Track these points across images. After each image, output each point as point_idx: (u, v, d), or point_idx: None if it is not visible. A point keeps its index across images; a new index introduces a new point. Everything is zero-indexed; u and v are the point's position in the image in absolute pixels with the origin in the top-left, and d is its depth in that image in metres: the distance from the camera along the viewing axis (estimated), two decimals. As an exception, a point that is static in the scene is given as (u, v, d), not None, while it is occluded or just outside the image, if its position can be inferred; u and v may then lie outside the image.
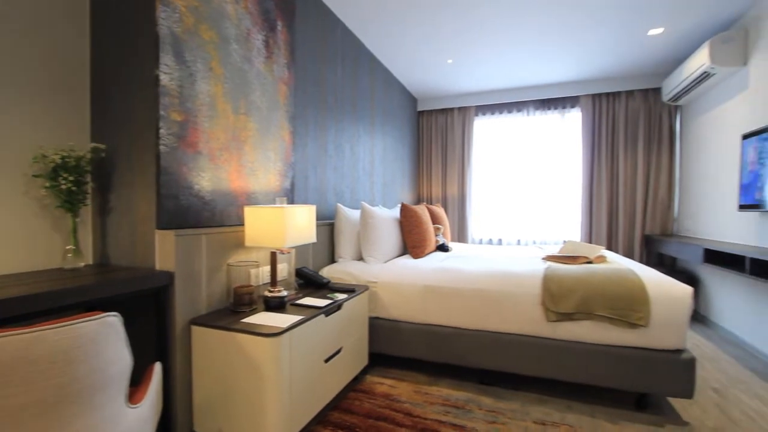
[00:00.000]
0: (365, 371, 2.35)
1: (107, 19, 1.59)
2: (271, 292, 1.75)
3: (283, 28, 2.22)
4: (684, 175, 3.98)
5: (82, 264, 1.53)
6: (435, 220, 3.64)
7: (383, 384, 2.19)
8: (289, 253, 2.09)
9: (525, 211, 4.69)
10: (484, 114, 4.88)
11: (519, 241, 4.73)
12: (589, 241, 4.37)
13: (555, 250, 3.16)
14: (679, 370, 1.80)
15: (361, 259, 2.71)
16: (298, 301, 1.85)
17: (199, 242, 1.61)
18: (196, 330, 1.55)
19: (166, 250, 1.51)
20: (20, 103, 1.39)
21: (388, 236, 2.70)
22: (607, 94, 4.29)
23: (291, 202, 2.31)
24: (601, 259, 2.53)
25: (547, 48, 3.48)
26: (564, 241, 2.93)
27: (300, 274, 2.20)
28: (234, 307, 1.69)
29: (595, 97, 4.34)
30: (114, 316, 0.90)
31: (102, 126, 1.62)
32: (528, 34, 3.21)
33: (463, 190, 4.92)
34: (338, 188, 2.98)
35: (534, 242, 4.65)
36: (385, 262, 2.59)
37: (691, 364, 1.79)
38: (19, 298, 1.03)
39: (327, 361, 1.78)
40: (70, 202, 1.47)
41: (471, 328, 2.17)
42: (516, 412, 1.90)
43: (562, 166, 4.55)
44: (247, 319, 1.56)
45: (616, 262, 2.41)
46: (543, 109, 4.61)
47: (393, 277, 2.35)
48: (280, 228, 1.65)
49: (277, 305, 1.73)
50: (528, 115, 4.66)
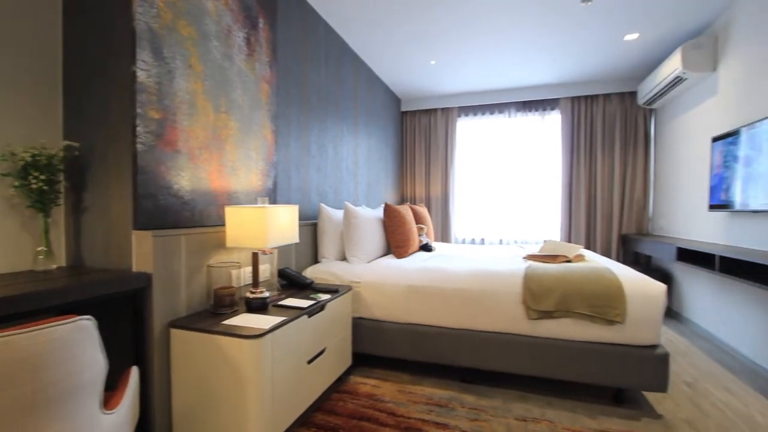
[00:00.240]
0: (349, 372, 2.35)
1: (81, 12, 1.54)
2: (252, 293, 1.72)
3: (265, 25, 2.20)
4: (658, 177, 4.12)
5: (55, 266, 1.47)
6: (418, 220, 3.66)
7: (367, 384, 2.19)
8: (271, 253, 2.07)
9: (507, 211, 4.76)
10: (466, 115, 4.93)
11: (501, 240, 4.80)
12: (569, 241, 4.47)
13: (536, 250, 3.22)
14: (654, 365, 1.86)
15: (344, 259, 2.70)
16: (281, 302, 1.83)
17: (178, 243, 1.58)
18: (175, 333, 1.52)
19: (143, 251, 1.47)
20: (-13, 99, 1.34)
21: (372, 236, 2.70)
22: (586, 97, 4.40)
23: (273, 202, 2.28)
24: (580, 258, 2.59)
25: (528, 51, 3.54)
26: (544, 241, 2.99)
27: (282, 274, 2.17)
28: (214, 309, 1.66)
29: (574, 100, 4.44)
30: (88, 319, 0.87)
31: (76, 123, 1.56)
32: (509, 37, 3.26)
33: (447, 190, 4.96)
34: (321, 188, 2.96)
35: (515, 242, 4.73)
36: (369, 262, 2.59)
37: (665, 359, 1.85)
38: (-14, 302, 0.98)
39: (310, 362, 1.76)
40: (42, 202, 1.41)
41: (454, 327, 2.19)
42: (498, 410, 1.92)
43: (543, 167, 4.64)
44: (228, 321, 1.54)
45: (594, 261, 2.47)
46: (524, 111, 4.69)
47: (376, 277, 2.35)
48: (262, 228, 1.63)
49: (259, 306, 1.71)
50: (509, 116, 4.73)
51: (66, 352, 0.81)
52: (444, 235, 4.96)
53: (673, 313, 3.64)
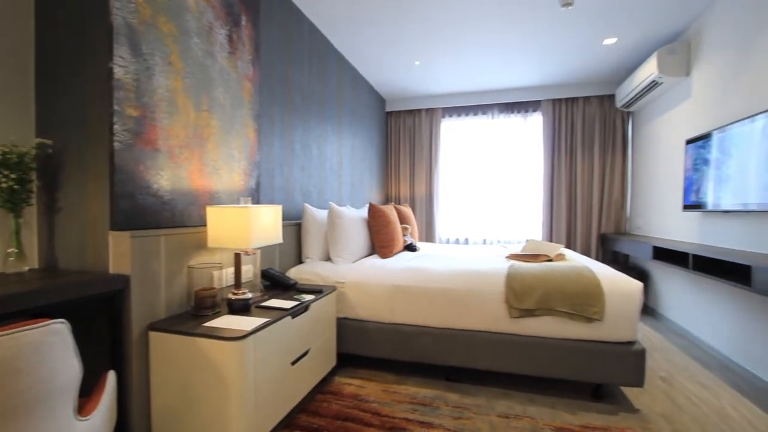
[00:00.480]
0: (333, 372, 2.34)
1: (55, 5, 1.49)
2: (235, 294, 1.70)
3: (248, 23, 2.17)
4: (635, 177, 4.24)
5: (26, 268, 1.42)
6: (403, 220, 3.67)
7: (351, 384, 2.18)
8: (254, 254, 2.04)
9: (490, 211, 4.82)
10: (450, 116, 4.97)
11: (485, 240, 4.85)
12: (550, 240, 4.56)
13: (518, 249, 3.27)
14: (631, 360, 1.91)
15: (328, 259, 2.69)
16: (264, 303, 1.81)
17: (157, 244, 1.54)
18: (155, 336, 1.48)
19: (121, 253, 1.43)
20: (-47, 94, 1.28)
21: (356, 236, 2.70)
22: (566, 100, 4.50)
23: (256, 201, 2.25)
24: (561, 257, 2.64)
25: (510, 53, 3.60)
26: (527, 240, 3.04)
27: (266, 275, 2.15)
28: (195, 311, 1.63)
29: (555, 102, 4.53)
30: (61, 323, 0.84)
31: (49, 121, 1.51)
32: (491, 39, 3.30)
33: (431, 191, 4.99)
34: (305, 188, 2.94)
35: (498, 241, 4.79)
36: (353, 263, 2.59)
37: (642, 354, 1.91)
38: (-48, 306, 0.94)
39: (294, 363, 1.75)
40: (12, 202, 1.36)
41: (438, 327, 2.21)
42: (481, 407, 1.95)
43: (525, 168, 4.72)
44: (210, 323, 1.51)
45: (574, 260, 2.52)
46: (507, 113, 4.76)
47: (361, 277, 2.35)
48: (245, 228, 1.61)
49: (241, 308, 1.69)
50: (492, 117, 4.79)
51: (38, 357, 0.78)
52: (428, 235, 4.99)
53: (649, 310, 3.75)
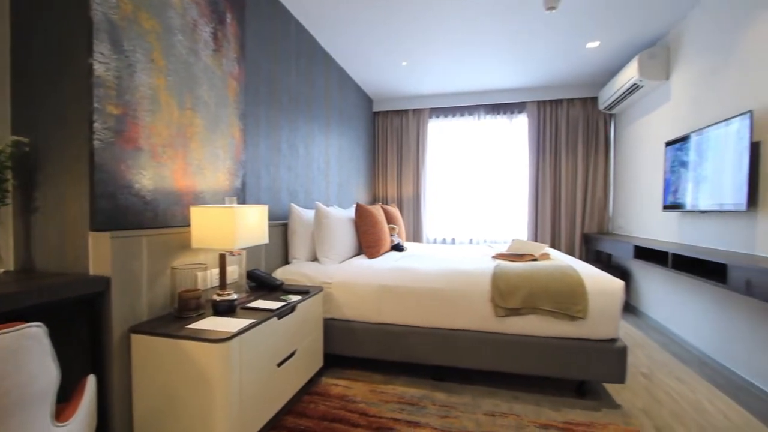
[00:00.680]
0: (320, 373, 2.33)
1: None
2: (219, 295, 1.68)
3: (233, 20, 2.14)
4: (617, 178, 4.33)
5: (1, 270, 1.38)
6: (390, 220, 3.67)
7: (338, 385, 2.17)
8: (239, 254, 2.02)
9: (476, 211, 4.87)
10: (437, 116, 5.00)
11: (471, 240, 4.89)
12: (535, 240, 4.62)
13: (504, 249, 3.30)
14: (613, 357, 1.95)
15: (315, 259, 2.68)
16: (250, 305, 1.79)
17: (139, 244, 1.51)
18: (136, 338, 1.45)
19: (101, 254, 1.39)
20: None
21: (344, 236, 2.69)
22: (551, 101, 4.57)
23: (242, 201, 2.23)
24: (545, 257, 2.68)
25: (496, 55, 3.63)
26: (512, 240, 3.08)
27: (251, 276, 2.13)
28: (179, 313, 1.60)
29: (540, 104, 4.60)
30: (37, 326, 0.82)
31: (26, 118, 1.46)
32: (477, 41, 3.33)
33: (418, 191, 5.01)
34: (292, 188, 2.91)
35: (485, 241, 4.84)
36: (341, 263, 2.58)
37: (623, 351, 1.95)
38: None
39: (280, 365, 1.73)
40: (-14, 202, 1.32)
41: (424, 326, 2.22)
42: (467, 406, 1.96)
43: (511, 169, 4.77)
44: (194, 325, 1.49)
45: (558, 259, 2.56)
46: (493, 114, 4.81)
47: (348, 278, 2.35)
48: (230, 229, 1.59)
49: (226, 309, 1.66)
50: (479, 118, 4.84)
51: (12, 362, 0.76)
52: (416, 235, 5.01)
53: (630, 308, 3.83)
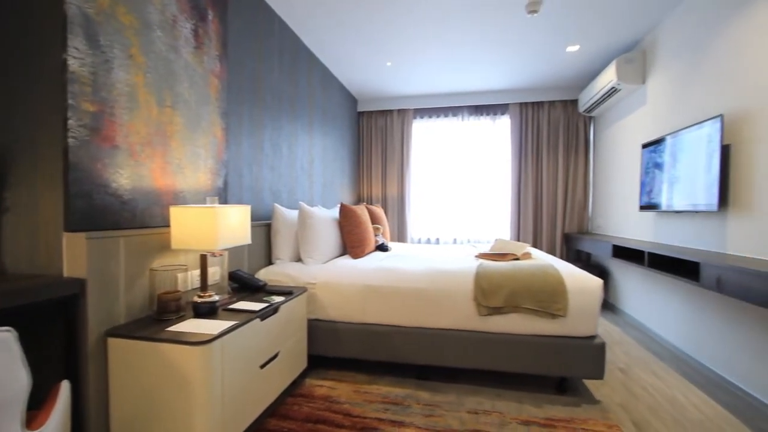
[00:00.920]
0: (304, 374, 2.31)
1: (1, -8, 1.39)
2: (201, 297, 1.65)
3: (215, 17, 2.11)
4: (596, 179, 4.44)
5: (-32, 273, 1.32)
6: (374, 220, 3.67)
7: (323, 386, 2.16)
8: (221, 255, 1.99)
9: (460, 211, 4.91)
10: (422, 117, 5.02)
11: (455, 240, 4.94)
12: (518, 239, 4.70)
13: (487, 248, 3.34)
14: (592, 354, 2.00)
15: (299, 260, 2.65)
16: (232, 306, 1.76)
17: (116, 245, 1.47)
18: (113, 342, 1.41)
19: (76, 255, 1.35)
20: None
21: (328, 237, 2.68)
22: (533, 103, 4.65)
23: (224, 201, 2.19)
24: (527, 256, 2.73)
25: (480, 58, 3.68)
26: (495, 240, 3.12)
27: (234, 277, 2.10)
28: (158, 315, 1.56)
29: (522, 106, 4.67)
30: (6, 331, 0.78)
31: (-6, 114, 1.41)
32: (462, 43, 3.36)
33: (403, 191, 5.02)
34: (275, 188, 2.88)
35: (468, 241, 4.89)
36: (325, 263, 2.56)
37: (602, 348, 2.00)
38: None
39: (263, 366, 1.71)
40: (-48, 201, 1.26)
41: (409, 326, 2.22)
42: (452, 404, 1.98)
43: (494, 169, 4.83)
44: (174, 328, 1.46)
45: (540, 259, 2.61)
46: (476, 115, 4.86)
47: (332, 278, 2.34)
48: (211, 229, 1.56)
49: (207, 311, 1.63)
50: (463, 119, 4.88)
51: (-19, 368, 0.73)
52: (400, 235, 5.02)
53: (609, 306, 3.93)
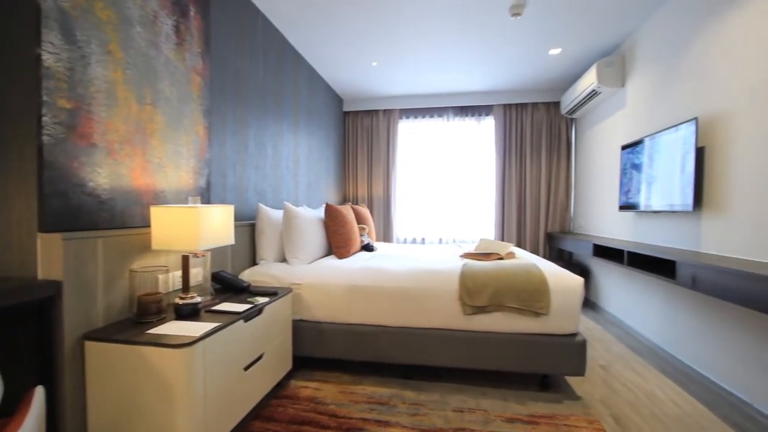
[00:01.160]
0: (289, 376, 2.29)
1: (-30, -17, 1.34)
2: (182, 298, 1.62)
3: (197, 14, 2.07)
4: (578, 180, 4.53)
5: (-65, 275, 1.26)
6: (360, 220, 3.67)
7: (308, 387, 2.15)
8: (203, 256, 1.95)
9: (446, 211, 4.95)
10: (407, 117, 5.04)
11: (440, 239, 4.97)
12: (502, 239, 4.76)
13: (472, 248, 3.37)
14: (574, 351, 2.04)
15: (284, 260, 2.63)
16: (215, 307, 1.73)
17: (93, 246, 1.43)
18: (91, 346, 1.37)
19: (51, 256, 1.31)
20: None
21: (313, 237, 2.66)
22: (517, 105, 4.71)
23: (207, 201, 2.16)
24: (511, 256, 2.76)
25: (465, 59, 3.71)
26: (480, 239, 3.15)
27: (217, 278, 2.06)
28: (138, 318, 1.53)
29: (506, 107, 4.74)
30: (-23, 335, 0.75)
31: (-37, 110, 1.35)
32: (447, 44, 3.39)
33: (388, 191, 5.03)
34: (259, 187, 2.85)
35: (454, 240, 4.92)
36: (310, 263, 2.55)
37: (583, 346, 2.04)
38: None
39: (247, 368, 1.69)
40: None
41: (394, 326, 2.23)
42: (436, 403, 1.99)
43: (478, 170, 4.89)
44: (154, 330, 1.43)
45: (523, 258, 2.65)
46: (461, 116, 4.90)
47: (318, 278, 2.32)
48: (194, 229, 1.53)
49: (189, 313, 1.60)
50: (448, 120, 4.92)
51: (-52, 374, 0.70)
52: (386, 235, 5.03)
53: (590, 304, 4.02)
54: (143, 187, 1.71)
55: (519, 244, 4.75)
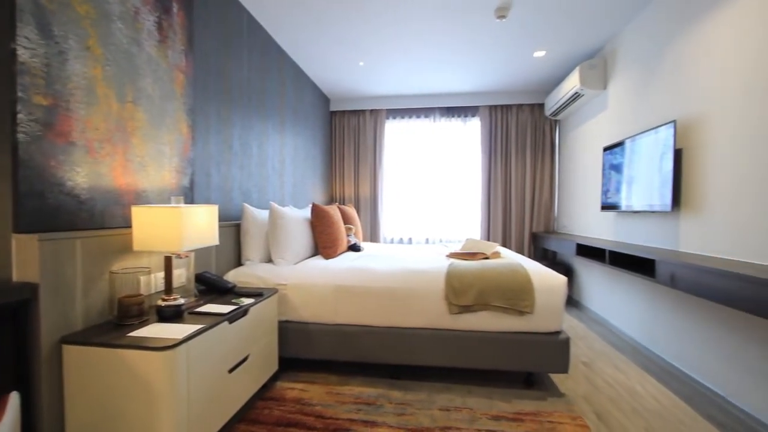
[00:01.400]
0: (275, 377, 2.27)
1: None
2: (165, 300, 1.58)
3: (180, 10, 2.03)
4: (562, 181, 4.61)
5: None
6: (347, 220, 3.66)
7: (294, 389, 2.13)
8: (187, 257, 1.92)
9: (432, 211, 4.98)
10: (394, 117, 5.05)
11: (427, 239, 4.99)
12: (488, 239, 4.81)
13: (458, 248, 3.40)
14: (557, 349, 2.08)
15: (270, 261, 2.60)
16: (199, 309, 1.71)
17: (72, 247, 1.39)
18: (69, 349, 1.34)
19: (27, 258, 1.27)
20: None
21: (299, 237, 2.64)
22: (502, 106, 4.77)
23: (191, 201, 2.12)
24: (497, 255, 2.79)
25: (451, 60, 3.74)
26: (466, 239, 3.18)
27: (201, 279, 2.03)
28: (119, 320, 1.49)
29: (492, 108, 4.79)
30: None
31: (-68, 106, 1.30)
32: (433, 45, 3.40)
33: (375, 191, 5.03)
34: (245, 187, 2.82)
35: (440, 240, 4.95)
36: (296, 264, 2.53)
37: (567, 343, 2.08)
38: None
39: (231, 371, 1.67)
40: None
41: (381, 326, 2.23)
42: (423, 402, 2.00)
43: (464, 170, 4.93)
44: (136, 333, 1.39)
45: (508, 258, 2.68)
46: (447, 117, 4.94)
47: (304, 279, 2.31)
48: (176, 230, 1.50)
49: (172, 315, 1.57)
50: (434, 121, 4.95)
51: None
52: (373, 235, 5.03)
53: (574, 302, 4.09)
54: (124, 186, 1.67)
55: (504, 244, 4.81)
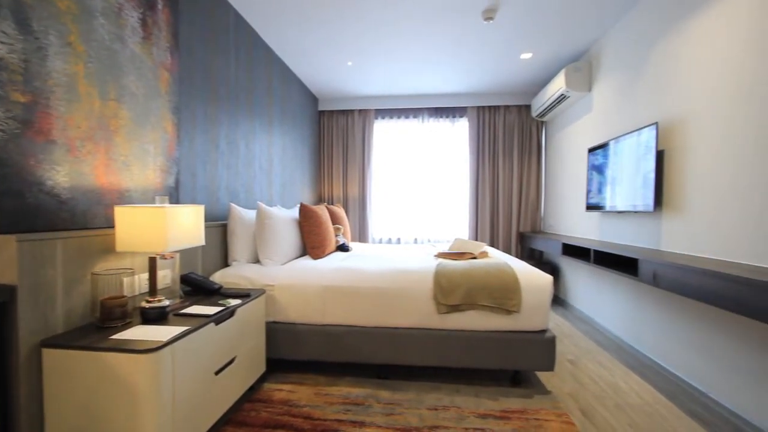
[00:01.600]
0: (263, 379, 2.25)
1: None
2: (149, 302, 1.56)
3: (165, 7, 2.00)
4: (548, 181, 4.67)
5: None
6: (335, 220, 3.65)
7: (282, 390, 2.12)
8: (172, 258, 1.89)
9: (421, 211, 4.99)
10: (383, 118, 5.05)
11: (416, 239, 5.00)
12: (476, 238, 4.84)
13: (446, 248, 3.42)
14: (543, 347, 2.10)
15: (257, 261, 2.58)
16: (184, 311, 1.68)
17: (52, 248, 1.36)
18: (49, 353, 1.30)
19: (4, 259, 1.23)
20: None
21: (287, 237, 2.62)
22: (490, 107, 4.81)
23: (176, 201, 2.09)
24: (484, 255, 2.82)
25: (439, 61, 3.75)
26: (455, 239, 3.20)
27: (186, 280, 2.00)
28: (102, 323, 1.46)
29: (480, 109, 4.83)
30: None
31: None
32: (422, 46, 3.42)
33: (364, 191, 5.02)
34: (232, 187, 2.78)
35: (429, 240, 4.97)
36: (284, 264, 2.51)
37: (553, 342, 2.11)
38: None
39: (218, 373, 1.65)
40: None
41: (369, 326, 2.23)
42: (411, 402, 2.01)
43: (453, 170, 4.96)
44: (119, 335, 1.37)
45: (496, 257, 2.71)
46: (436, 117, 4.96)
47: (292, 279, 2.29)
48: (161, 230, 1.48)
49: (156, 317, 1.55)
50: (423, 121, 4.96)
51: None
52: (361, 235, 5.02)
53: (560, 301, 4.15)
54: (107, 186, 1.63)
55: (492, 244, 4.85)
